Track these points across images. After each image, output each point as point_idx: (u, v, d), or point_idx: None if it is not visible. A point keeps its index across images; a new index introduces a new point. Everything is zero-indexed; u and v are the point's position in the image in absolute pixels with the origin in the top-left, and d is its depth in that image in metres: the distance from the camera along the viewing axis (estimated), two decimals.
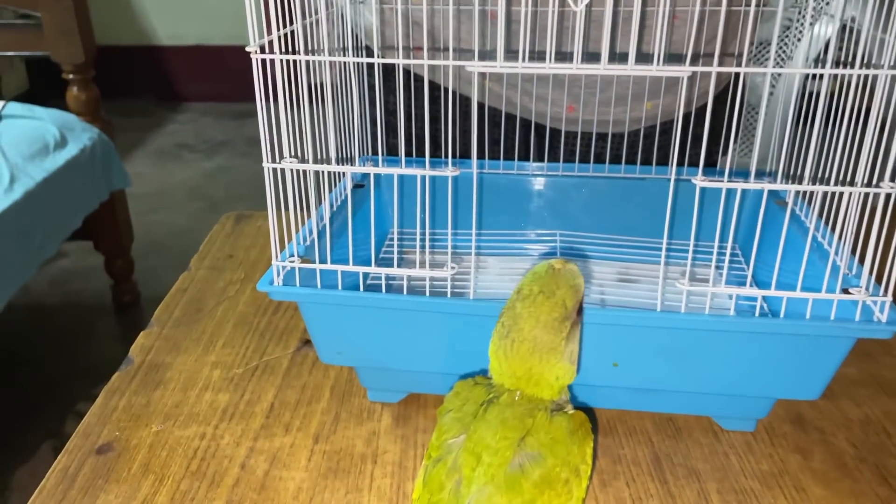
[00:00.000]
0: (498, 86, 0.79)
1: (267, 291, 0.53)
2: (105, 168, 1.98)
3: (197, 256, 0.86)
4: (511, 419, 0.42)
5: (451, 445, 0.42)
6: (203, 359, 0.67)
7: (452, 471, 0.41)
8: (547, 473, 0.40)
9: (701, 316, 0.49)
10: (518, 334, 0.43)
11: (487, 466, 0.41)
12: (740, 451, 0.57)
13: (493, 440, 0.41)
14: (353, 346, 0.56)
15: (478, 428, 0.42)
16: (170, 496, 0.53)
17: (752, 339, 0.50)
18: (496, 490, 0.40)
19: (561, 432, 0.42)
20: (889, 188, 0.47)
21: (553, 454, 0.41)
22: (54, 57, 1.93)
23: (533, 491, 0.40)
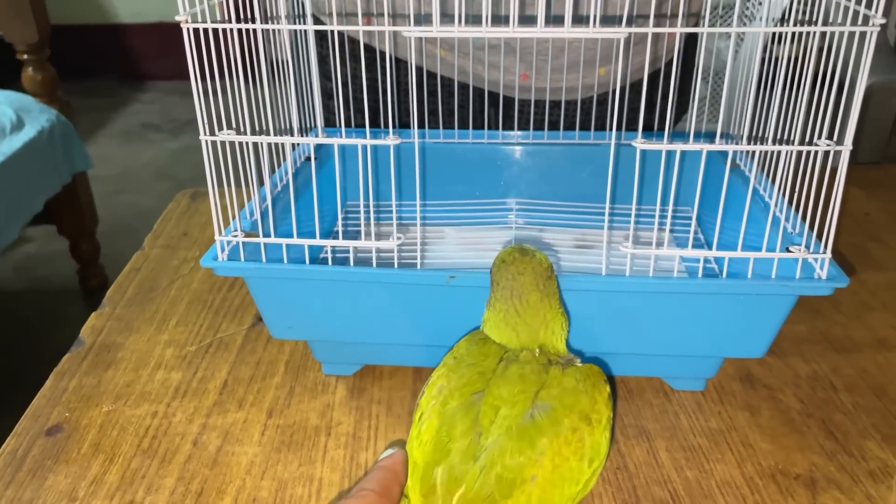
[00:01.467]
0: (451, 55, 0.79)
1: (211, 267, 0.53)
2: (65, 150, 1.95)
3: (151, 235, 0.84)
4: (529, 374, 0.43)
5: (474, 399, 0.42)
6: (156, 338, 0.67)
7: (475, 421, 0.41)
8: (556, 422, 0.41)
9: (644, 279, 0.50)
10: (523, 289, 0.46)
11: (503, 419, 0.41)
12: (690, 409, 0.58)
13: (510, 394, 0.42)
14: (302, 320, 0.56)
15: (498, 384, 0.43)
16: (120, 475, 0.52)
17: (694, 300, 0.51)
18: (508, 440, 0.40)
19: (570, 382, 0.43)
20: (825, 146, 0.47)
21: (562, 404, 0.41)
22: (7, 37, 1.88)
23: (542, 440, 0.40)
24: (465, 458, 0.40)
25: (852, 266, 0.76)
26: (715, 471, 0.52)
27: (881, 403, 0.58)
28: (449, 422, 0.42)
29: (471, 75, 0.79)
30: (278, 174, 0.63)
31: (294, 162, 0.68)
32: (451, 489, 0.40)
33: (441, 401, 0.43)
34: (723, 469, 0.52)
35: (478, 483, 0.39)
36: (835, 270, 0.50)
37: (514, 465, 0.40)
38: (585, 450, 0.41)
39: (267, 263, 0.52)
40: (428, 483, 0.41)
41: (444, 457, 0.41)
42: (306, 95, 0.66)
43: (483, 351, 0.46)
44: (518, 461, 0.40)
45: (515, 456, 0.40)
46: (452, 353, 0.47)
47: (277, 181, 0.62)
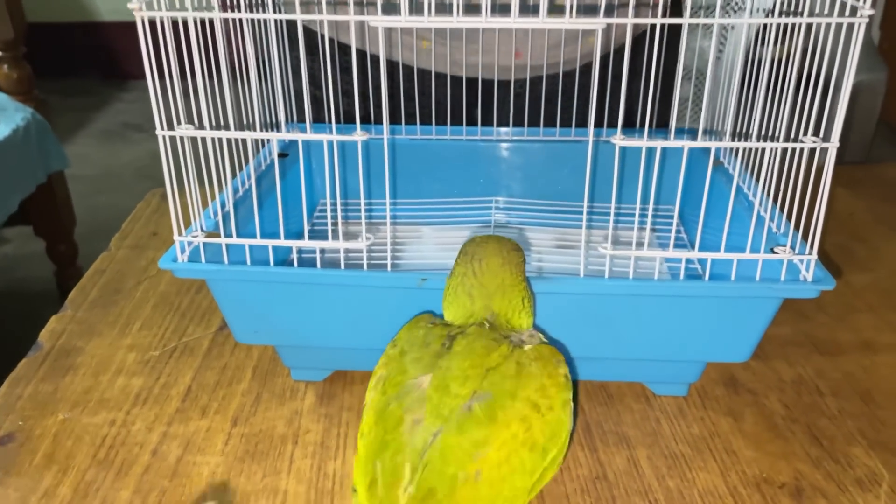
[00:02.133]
0: (441, 45, 0.76)
1: (170, 269, 0.50)
2: (41, 149, 1.91)
3: (118, 235, 0.82)
4: (479, 349, 0.41)
5: (410, 385, 0.40)
6: (118, 342, 0.64)
7: (410, 409, 0.39)
8: (497, 412, 0.38)
9: (623, 281, 0.48)
10: (485, 252, 0.45)
11: (445, 406, 0.38)
12: (672, 415, 0.56)
13: (460, 371, 0.39)
14: (268, 325, 0.53)
15: (446, 363, 0.40)
16: (73, 487, 0.50)
17: (676, 302, 0.49)
18: (447, 434, 0.37)
19: (512, 368, 0.40)
20: (811, 143, 0.45)
21: (503, 391, 0.39)
22: None
23: (483, 432, 0.38)
24: (399, 450, 0.38)
25: (838, 267, 0.75)
26: (698, 479, 0.50)
27: (867, 408, 0.56)
28: (385, 413, 0.40)
29: (463, 63, 0.76)
30: (245, 172, 0.61)
31: (263, 159, 0.65)
32: (390, 482, 0.38)
33: (380, 391, 0.41)
34: (706, 478, 0.50)
35: (419, 478, 0.37)
36: (821, 272, 0.48)
37: (454, 459, 0.37)
38: (536, 439, 0.39)
39: (229, 265, 0.50)
40: (370, 476, 0.39)
41: (382, 449, 0.39)
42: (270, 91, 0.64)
43: (424, 337, 0.43)
44: (458, 456, 0.37)
45: (455, 451, 0.37)
46: (393, 341, 0.44)
47: (244, 179, 0.60)
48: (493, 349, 0.41)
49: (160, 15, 0.44)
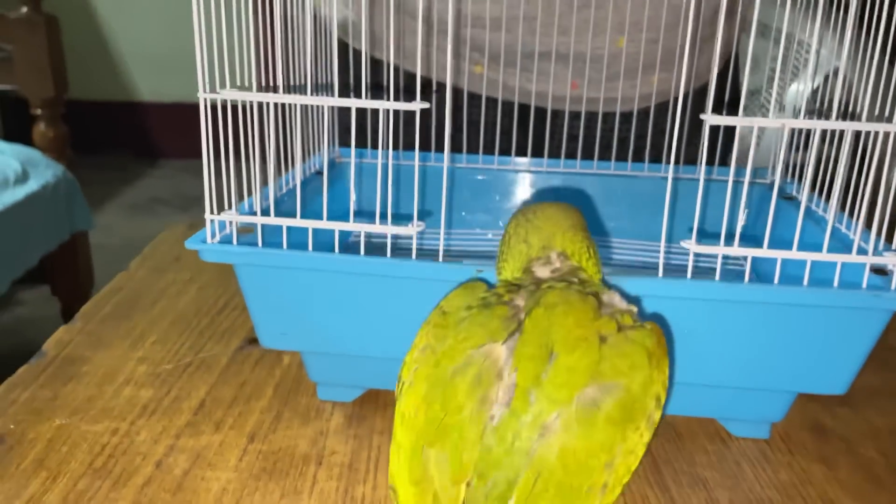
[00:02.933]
0: (494, 70, 0.73)
1: (197, 250, 0.45)
2: (68, 207, 1.90)
3: (139, 258, 0.77)
4: (575, 301, 0.33)
5: (476, 356, 0.32)
6: (128, 354, 0.58)
7: (481, 385, 0.31)
8: (628, 412, 0.30)
9: (711, 283, 0.42)
10: (537, 206, 0.39)
11: (565, 373, 0.30)
12: (753, 459, 0.48)
13: (564, 332, 0.31)
14: (299, 324, 0.47)
15: (532, 324, 0.32)
16: (62, 495, 0.43)
17: (770, 311, 0.42)
18: (569, 433, 0.29)
19: (639, 353, 0.32)
20: None
21: (637, 385, 0.31)
22: (23, 91, 1.87)
23: (614, 434, 0.30)
24: (467, 440, 0.30)
25: None
26: None
27: None
28: (443, 388, 0.32)
29: (517, 90, 0.73)
30: (289, 174, 0.57)
31: (308, 168, 0.61)
32: (456, 477, 0.30)
33: (431, 363, 0.33)
34: None
35: (527, 490, 0.29)
36: None
37: (581, 469, 0.30)
38: (637, 456, 0.32)
39: (261, 248, 0.45)
40: (419, 469, 0.31)
41: (441, 436, 0.31)
42: None
43: (484, 299, 0.34)
44: (586, 465, 0.30)
45: (582, 457, 0.30)
46: (438, 308, 0.36)
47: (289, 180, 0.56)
48: (591, 306, 0.33)
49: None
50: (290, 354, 0.58)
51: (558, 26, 0.68)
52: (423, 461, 0.31)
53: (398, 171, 0.64)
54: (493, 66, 0.73)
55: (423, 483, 0.31)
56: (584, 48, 0.69)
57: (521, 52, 0.71)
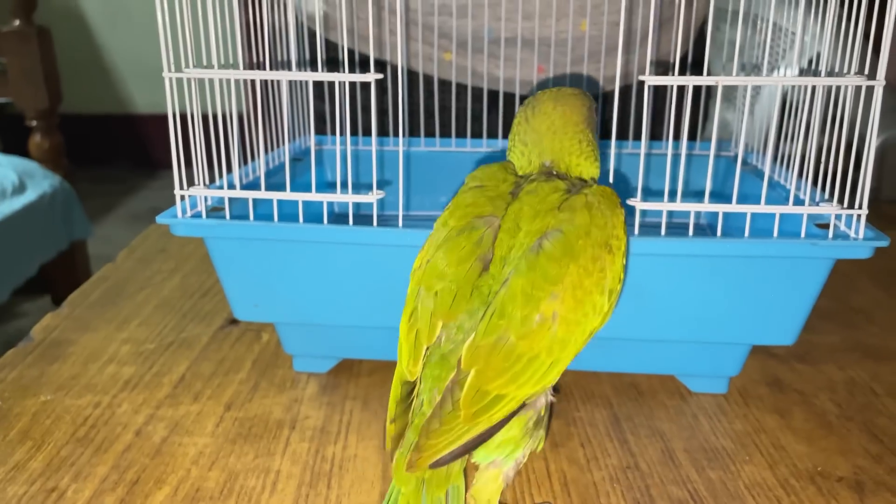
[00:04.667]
0: (463, 57, 0.75)
1: (168, 224, 0.47)
2: (65, 216, 1.93)
3: (126, 251, 0.79)
4: (545, 189, 0.39)
5: (479, 223, 0.38)
6: (113, 335, 0.60)
7: (477, 247, 0.37)
8: (568, 249, 0.36)
9: (657, 239, 0.44)
10: (539, 98, 0.43)
11: (522, 237, 0.37)
12: (710, 412, 0.50)
13: (529, 209, 0.38)
14: (270, 295, 0.49)
15: (516, 206, 0.38)
16: (46, 462, 0.45)
17: (715, 264, 0.44)
18: (519, 274, 0.35)
19: (580, 203, 0.37)
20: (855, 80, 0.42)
21: (576, 228, 0.36)
22: (17, 103, 1.90)
23: (556, 269, 0.35)
24: (458, 284, 0.36)
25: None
26: (742, 472, 0.44)
27: None
28: (446, 244, 0.37)
29: (485, 75, 0.75)
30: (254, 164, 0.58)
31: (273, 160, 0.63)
32: (439, 314, 0.36)
33: (441, 222, 0.39)
34: (751, 470, 0.44)
35: (488, 325, 0.34)
36: (872, 231, 0.44)
37: (528, 300, 0.34)
38: (607, 281, 0.36)
39: (230, 221, 0.47)
40: (411, 305, 0.37)
41: (438, 280, 0.36)
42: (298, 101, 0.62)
43: (504, 178, 0.41)
44: (533, 297, 0.34)
45: (528, 291, 0.35)
46: (472, 175, 0.42)
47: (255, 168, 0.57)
48: (560, 189, 0.39)
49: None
50: (269, 332, 0.61)
51: (522, 11, 0.70)
52: (415, 299, 0.37)
53: (381, 155, 0.66)
54: (461, 52, 0.75)
55: (413, 316, 0.37)
56: (548, 32, 0.71)
57: (488, 38, 0.73)
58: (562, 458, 0.45)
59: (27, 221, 1.78)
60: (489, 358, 0.34)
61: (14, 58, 1.84)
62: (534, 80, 0.76)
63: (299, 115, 0.70)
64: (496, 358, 0.34)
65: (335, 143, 0.73)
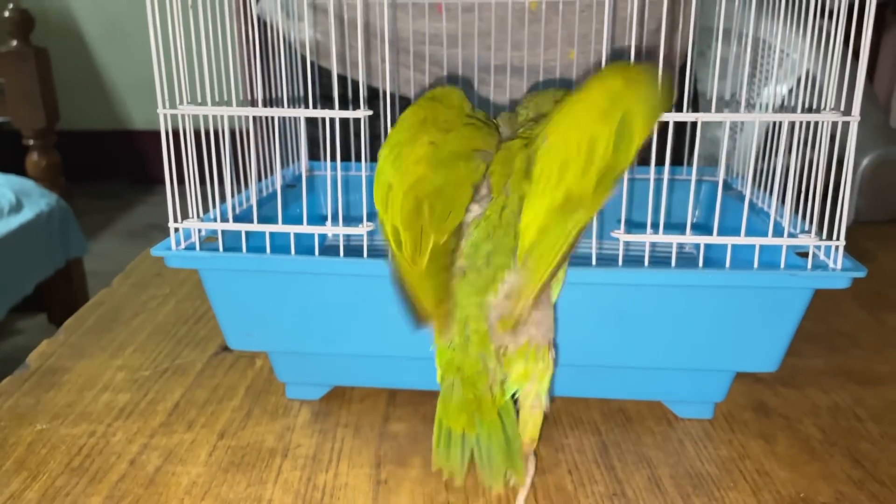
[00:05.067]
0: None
1: (162, 256, 0.48)
2: (62, 234, 1.94)
3: (121, 275, 0.80)
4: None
5: (475, 154, 0.43)
6: (108, 363, 0.61)
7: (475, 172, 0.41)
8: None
9: (641, 271, 0.45)
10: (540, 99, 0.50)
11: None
12: (696, 437, 0.51)
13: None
14: (263, 325, 0.50)
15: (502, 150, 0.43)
16: (41, 492, 0.45)
17: (696, 294, 0.45)
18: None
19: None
20: (831, 116, 0.43)
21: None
22: (14, 122, 1.92)
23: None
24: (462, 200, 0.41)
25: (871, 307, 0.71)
26: (727, 498, 0.45)
27: None
28: (447, 162, 0.41)
29: (475, 97, 0.77)
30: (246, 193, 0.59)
31: (266, 188, 0.64)
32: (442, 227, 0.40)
33: (429, 143, 0.42)
34: (736, 496, 0.45)
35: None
36: (850, 262, 0.45)
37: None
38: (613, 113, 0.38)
39: (223, 253, 0.48)
40: (410, 209, 0.41)
41: (437, 194, 0.41)
42: None
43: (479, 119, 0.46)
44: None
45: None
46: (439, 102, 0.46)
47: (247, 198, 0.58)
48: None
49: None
50: (263, 358, 0.61)
51: (511, 41, 0.72)
52: (414, 206, 0.40)
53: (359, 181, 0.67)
54: (452, 79, 0.76)
55: (415, 221, 0.40)
56: (537, 60, 0.72)
57: (478, 65, 0.74)
58: (549, 486, 0.46)
59: (24, 240, 1.79)
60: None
61: (11, 78, 1.86)
62: None
63: (292, 140, 0.71)
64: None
65: (317, 168, 0.75)
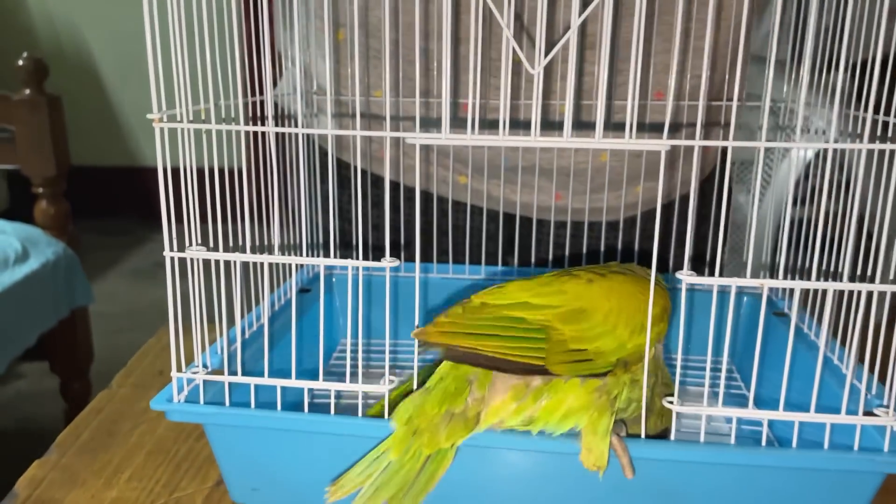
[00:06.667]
0: (479, 181, 0.73)
1: (164, 410, 0.43)
2: (68, 283, 1.90)
3: (122, 373, 0.76)
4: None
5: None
6: (101, 494, 0.56)
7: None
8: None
9: (695, 446, 0.40)
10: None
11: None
12: None
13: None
14: (270, 481, 0.45)
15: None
16: None
17: (759, 474, 0.40)
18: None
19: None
20: None
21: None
22: (25, 170, 1.89)
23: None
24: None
25: None
26: None
27: None
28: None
29: (501, 199, 0.73)
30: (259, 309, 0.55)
31: (283, 294, 0.60)
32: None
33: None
34: None
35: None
36: None
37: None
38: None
39: (229, 408, 0.43)
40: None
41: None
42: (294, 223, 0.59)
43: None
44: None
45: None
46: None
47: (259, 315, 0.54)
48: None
49: (182, 126, 0.41)
50: None
51: None
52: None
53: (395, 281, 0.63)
54: (476, 177, 0.72)
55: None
56: (566, 163, 0.68)
57: (505, 166, 0.70)
58: None
59: (29, 291, 1.75)
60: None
61: (23, 127, 1.83)
62: (552, 205, 0.73)
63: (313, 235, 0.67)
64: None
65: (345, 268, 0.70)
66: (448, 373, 0.42)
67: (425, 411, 0.40)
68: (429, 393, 0.41)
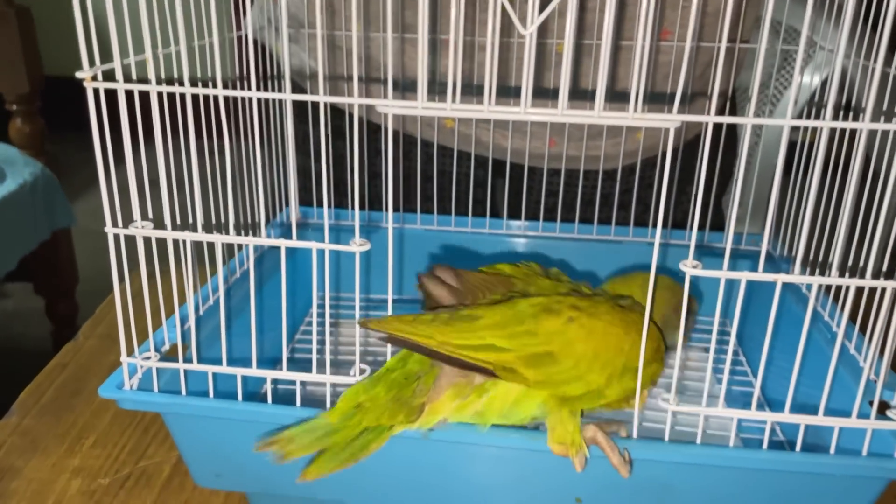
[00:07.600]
0: (466, 126, 0.67)
1: (114, 399, 0.40)
2: (48, 205, 1.84)
3: (91, 321, 0.72)
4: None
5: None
6: (63, 462, 0.53)
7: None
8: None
9: (690, 447, 0.37)
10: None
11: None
12: None
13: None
14: (233, 468, 0.42)
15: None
16: None
17: (758, 478, 0.37)
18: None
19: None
20: None
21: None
22: None
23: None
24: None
25: None
26: None
27: None
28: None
29: (490, 145, 0.67)
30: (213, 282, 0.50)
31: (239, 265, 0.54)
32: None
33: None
34: None
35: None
36: None
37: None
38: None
39: (187, 398, 0.39)
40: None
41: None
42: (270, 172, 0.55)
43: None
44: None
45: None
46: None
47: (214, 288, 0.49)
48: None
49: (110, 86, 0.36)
50: None
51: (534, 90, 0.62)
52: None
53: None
54: (464, 121, 0.67)
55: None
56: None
57: None
58: None
59: (7, 213, 1.70)
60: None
61: None
62: (545, 152, 0.67)
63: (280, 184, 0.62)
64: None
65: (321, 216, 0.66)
66: (396, 366, 0.40)
67: (374, 394, 0.38)
68: (378, 380, 0.39)
